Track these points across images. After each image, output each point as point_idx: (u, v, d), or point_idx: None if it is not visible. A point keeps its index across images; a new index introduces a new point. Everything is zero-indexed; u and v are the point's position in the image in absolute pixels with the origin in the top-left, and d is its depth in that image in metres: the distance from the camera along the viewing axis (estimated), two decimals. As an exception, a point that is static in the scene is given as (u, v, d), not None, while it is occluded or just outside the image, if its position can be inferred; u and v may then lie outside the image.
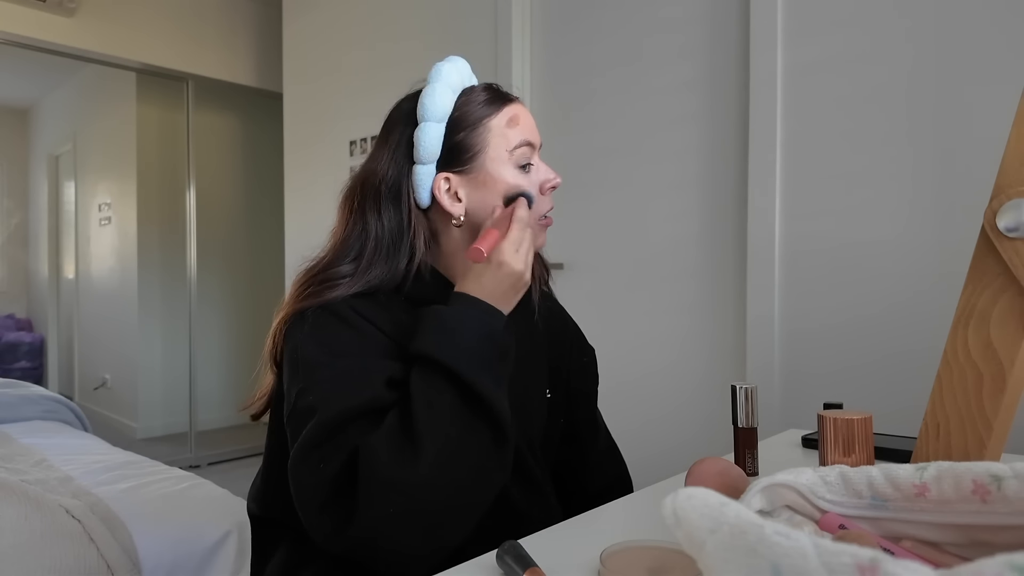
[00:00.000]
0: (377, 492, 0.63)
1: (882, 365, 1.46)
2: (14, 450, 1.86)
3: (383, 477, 0.63)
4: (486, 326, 0.71)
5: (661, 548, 0.57)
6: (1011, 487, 0.41)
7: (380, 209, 0.80)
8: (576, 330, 1.01)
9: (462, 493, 0.65)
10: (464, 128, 0.80)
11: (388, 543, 0.64)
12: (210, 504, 1.51)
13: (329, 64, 3.03)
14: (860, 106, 1.49)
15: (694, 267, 1.82)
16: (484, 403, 0.67)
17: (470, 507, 0.67)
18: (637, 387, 1.93)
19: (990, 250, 0.64)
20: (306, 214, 3.14)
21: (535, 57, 2.22)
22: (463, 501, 0.66)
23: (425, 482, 0.63)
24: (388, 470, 0.63)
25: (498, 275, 0.73)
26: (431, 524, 0.64)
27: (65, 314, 4.27)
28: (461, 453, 0.65)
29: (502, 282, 0.74)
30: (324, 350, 0.72)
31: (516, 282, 0.75)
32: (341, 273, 0.78)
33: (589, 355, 1.01)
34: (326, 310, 0.75)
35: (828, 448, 0.76)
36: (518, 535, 0.78)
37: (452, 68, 0.81)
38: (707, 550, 0.30)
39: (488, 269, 0.73)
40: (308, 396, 0.70)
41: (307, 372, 0.71)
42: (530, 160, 0.82)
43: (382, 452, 0.64)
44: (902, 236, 1.44)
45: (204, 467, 3.55)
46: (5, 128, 4.33)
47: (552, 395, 0.92)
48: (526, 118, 0.82)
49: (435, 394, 0.67)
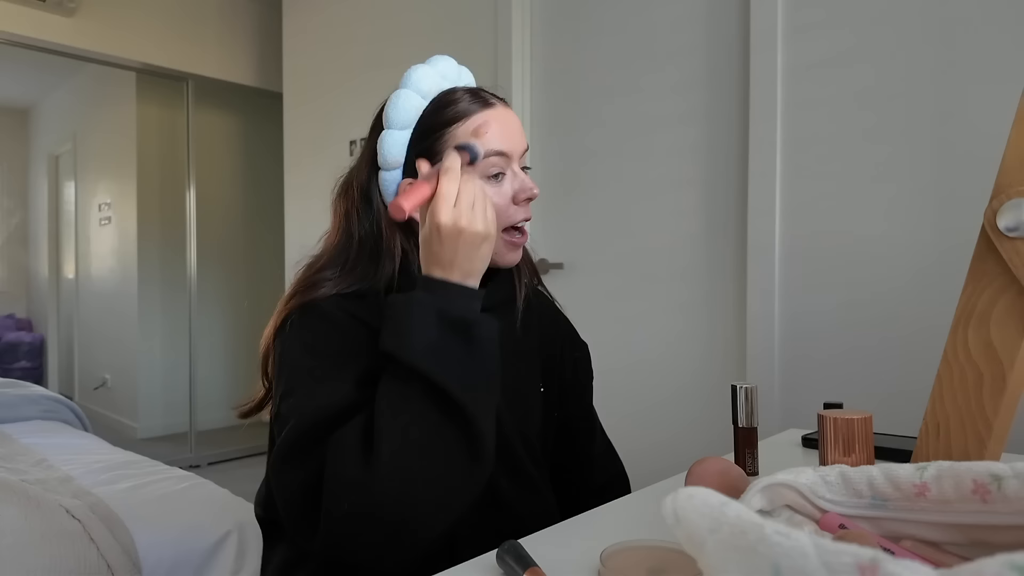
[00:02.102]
0: (338, 491, 0.62)
1: (882, 365, 1.46)
2: (14, 450, 1.86)
3: (342, 476, 0.62)
4: (431, 309, 0.66)
5: (661, 548, 0.57)
6: (1011, 487, 0.41)
7: (359, 212, 0.81)
8: (568, 325, 1.01)
9: (426, 488, 0.62)
10: (428, 136, 0.78)
11: (353, 543, 0.62)
12: (210, 504, 1.51)
13: (329, 64, 3.03)
14: (860, 105, 1.49)
15: (694, 267, 1.82)
16: (441, 392, 0.64)
17: (438, 505, 0.64)
18: (637, 387, 1.93)
19: (990, 250, 0.64)
20: (306, 214, 3.14)
21: (535, 57, 2.22)
22: (427, 498, 0.62)
23: (381, 479, 0.61)
24: (347, 469, 0.62)
25: (441, 239, 0.68)
26: (393, 522, 0.62)
27: (65, 314, 4.27)
28: (421, 447, 0.63)
29: (450, 246, 0.68)
30: (306, 352, 0.73)
31: (469, 241, 0.68)
32: (327, 276, 0.79)
33: (582, 350, 1.01)
34: (312, 311, 0.76)
35: (828, 448, 0.76)
36: (511, 530, 0.78)
37: (425, 73, 0.80)
38: (707, 550, 0.30)
39: (431, 236, 0.68)
40: (289, 399, 0.70)
41: (289, 375, 0.72)
42: (501, 170, 0.79)
43: (344, 451, 0.63)
44: (902, 236, 1.44)
45: (204, 467, 3.55)
46: (5, 128, 4.33)
47: (545, 390, 0.92)
48: (500, 125, 0.79)
49: (397, 387, 0.65)
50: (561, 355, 0.97)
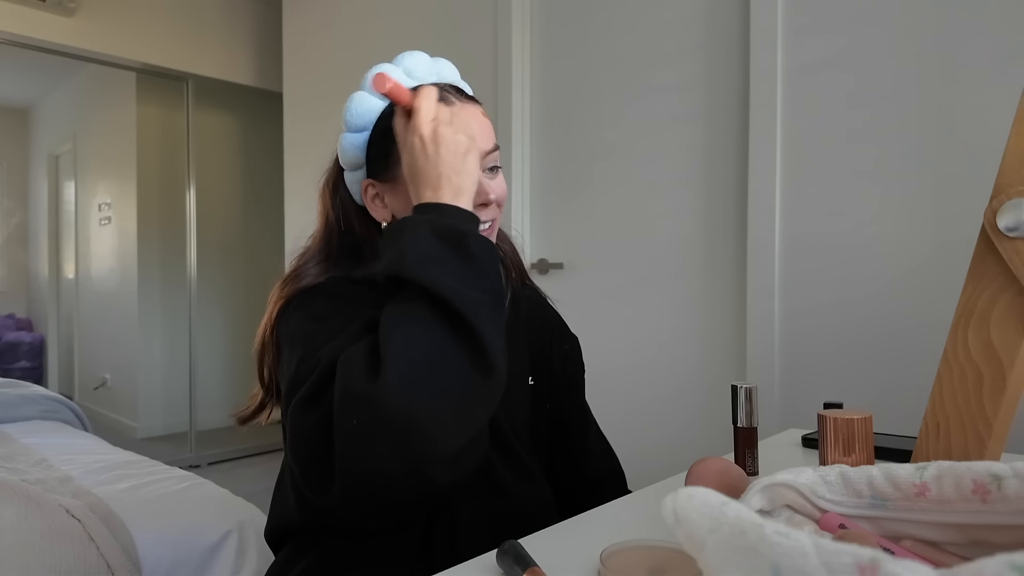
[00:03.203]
0: (347, 405, 0.61)
1: (882, 365, 1.46)
2: (14, 450, 1.86)
3: (349, 391, 0.61)
4: (424, 225, 0.66)
5: (661, 548, 0.57)
6: (1011, 486, 0.41)
7: (334, 208, 0.84)
8: (557, 318, 1.01)
9: (433, 398, 0.60)
10: (385, 136, 0.78)
11: (361, 465, 0.60)
12: (210, 504, 1.51)
13: (329, 64, 3.03)
14: (860, 104, 1.49)
15: (694, 266, 1.82)
16: (440, 301, 0.62)
17: (447, 417, 0.61)
18: (637, 386, 1.93)
19: (990, 250, 0.64)
20: (306, 214, 3.14)
21: (535, 57, 2.22)
22: (435, 408, 0.60)
23: (387, 390, 0.59)
24: (354, 383, 0.61)
25: (426, 149, 0.70)
26: (403, 432, 0.59)
27: (65, 314, 4.26)
28: (425, 356, 0.61)
29: (435, 157, 0.69)
30: (312, 320, 0.73)
31: (452, 149, 0.69)
32: (311, 267, 0.81)
33: (572, 343, 1.01)
34: (309, 291, 0.78)
35: (828, 448, 0.76)
36: (509, 514, 0.79)
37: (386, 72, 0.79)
38: (707, 550, 0.30)
39: (416, 152, 0.70)
40: (309, 361, 0.68)
41: (303, 343, 0.71)
42: None
43: (351, 366, 0.62)
44: (902, 235, 1.44)
45: (204, 467, 3.55)
46: (5, 128, 4.32)
47: (535, 382, 0.92)
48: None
49: (399, 302, 0.65)
50: (550, 347, 0.97)
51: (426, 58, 0.83)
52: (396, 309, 0.64)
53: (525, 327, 0.94)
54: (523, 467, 0.85)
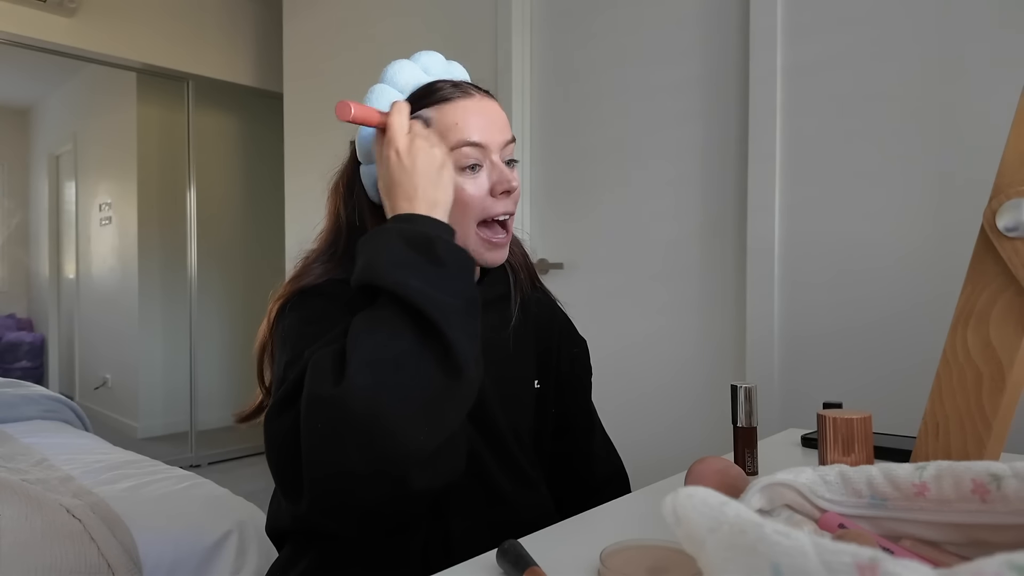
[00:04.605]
0: (312, 409, 0.61)
1: (882, 365, 1.46)
2: (15, 449, 1.86)
3: (315, 394, 0.61)
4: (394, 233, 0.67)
5: (661, 548, 0.57)
6: (1011, 486, 0.41)
7: (346, 206, 0.85)
8: (566, 320, 1.01)
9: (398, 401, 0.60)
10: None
11: (326, 468, 0.60)
12: (211, 504, 1.52)
13: (329, 64, 3.03)
14: (860, 105, 1.49)
15: (694, 266, 1.82)
16: (405, 302, 0.63)
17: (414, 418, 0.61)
18: (636, 386, 1.94)
19: (989, 250, 0.65)
20: (306, 214, 3.14)
21: (535, 57, 2.22)
22: (400, 411, 0.60)
23: (350, 391, 0.59)
24: (320, 387, 0.61)
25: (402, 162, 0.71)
26: (363, 432, 0.59)
27: (66, 314, 4.27)
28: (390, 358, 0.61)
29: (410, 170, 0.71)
30: (305, 323, 0.74)
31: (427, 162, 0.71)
32: (317, 265, 0.82)
33: (580, 346, 1.01)
34: (308, 291, 0.78)
35: (828, 447, 0.76)
36: (506, 522, 0.79)
37: (402, 67, 0.81)
38: (707, 549, 0.30)
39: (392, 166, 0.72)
40: (296, 364, 0.69)
41: (294, 343, 0.72)
42: (478, 161, 0.79)
43: (317, 371, 0.62)
44: (902, 235, 1.44)
45: (205, 467, 3.55)
46: (5, 128, 4.33)
47: (541, 386, 0.92)
48: (477, 117, 0.79)
49: (369, 308, 0.66)
50: (558, 349, 0.97)
51: (441, 59, 0.85)
52: (365, 314, 0.66)
53: (533, 330, 0.93)
54: (522, 474, 0.84)
